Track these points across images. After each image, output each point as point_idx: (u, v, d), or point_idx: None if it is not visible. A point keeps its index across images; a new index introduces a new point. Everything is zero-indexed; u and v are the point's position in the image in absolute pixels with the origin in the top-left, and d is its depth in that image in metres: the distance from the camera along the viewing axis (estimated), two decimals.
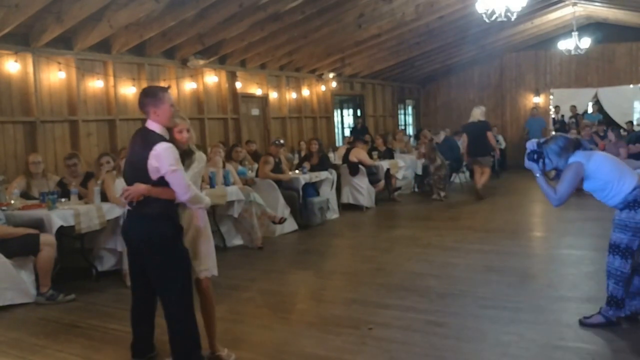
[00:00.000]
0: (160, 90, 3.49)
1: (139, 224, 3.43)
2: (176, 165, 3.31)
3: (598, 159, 3.96)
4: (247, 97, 11.21)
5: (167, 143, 3.35)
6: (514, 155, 16.71)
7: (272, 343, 4.03)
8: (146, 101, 3.47)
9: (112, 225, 5.75)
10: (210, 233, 3.72)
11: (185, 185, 3.32)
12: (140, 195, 3.34)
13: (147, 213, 3.38)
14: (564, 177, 3.95)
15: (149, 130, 3.45)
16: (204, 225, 3.65)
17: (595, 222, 7.82)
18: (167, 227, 3.40)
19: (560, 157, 3.98)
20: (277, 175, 8.25)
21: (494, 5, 8.58)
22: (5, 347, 4.16)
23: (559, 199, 3.93)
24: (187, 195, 3.34)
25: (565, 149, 3.98)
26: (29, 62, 7.36)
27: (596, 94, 15.69)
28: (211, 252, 3.70)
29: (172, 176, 3.30)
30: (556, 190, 3.96)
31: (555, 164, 4.02)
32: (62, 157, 7.49)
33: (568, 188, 3.92)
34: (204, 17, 8.00)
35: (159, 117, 3.44)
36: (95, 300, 5.26)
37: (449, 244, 7.01)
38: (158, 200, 3.35)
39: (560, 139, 4.07)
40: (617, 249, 3.94)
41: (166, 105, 3.43)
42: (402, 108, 18.02)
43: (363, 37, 11.15)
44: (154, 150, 3.29)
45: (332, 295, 5.24)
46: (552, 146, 4.02)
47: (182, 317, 3.44)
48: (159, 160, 3.28)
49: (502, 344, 3.84)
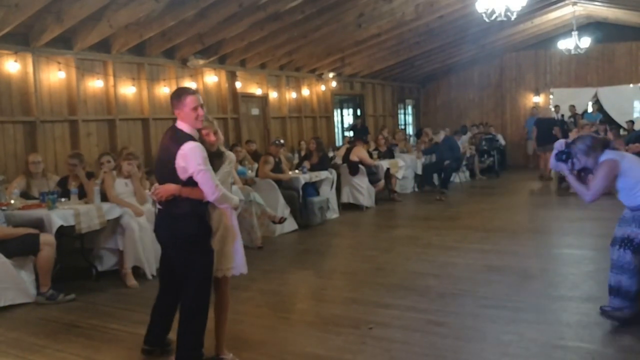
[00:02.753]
0: (184, 92, 3.50)
1: (168, 223, 3.50)
2: (204, 165, 3.33)
3: (631, 158, 4.09)
4: (247, 97, 11.20)
5: (195, 142, 3.37)
6: (514, 155, 16.75)
7: (272, 343, 4.03)
8: (172, 102, 3.51)
9: (112, 224, 5.75)
10: (238, 232, 3.73)
11: (213, 185, 3.34)
12: (170, 195, 3.39)
13: (176, 212, 3.43)
14: (597, 174, 4.02)
15: (177, 129, 3.47)
16: (230, 224, 3.66)
17: (596, 222, 7.83)
18: (195, 227, 3.45)
19: (589, 156, 4.05)
20: (277, 175, 8.26)
21: (494, 4, 8.57)
22: (5, 347, 4.16)
23: (593, 195, 4.02)
24: (215, 195, 3.37)
25: (593, 148, 4.04)
26: (29, 62, 7.36)
27: (596, 94, 15.69)
28: (239, 250, 3.71)
29: (199, 176, 3.32)
30: (590, 187, 4.06)
31: (583, 163, 4.08)
32: (62, 157, 7.50)
33: (602, 184, 4.00)
34: (203, 16, 7.99)
35: (183, 119, 3.47)
36: (95, 300, 5.26)
37: (449, 244, 7.01)
38: (187, 199, 3.39)
39: (587, 139, 4.14)
40: (630, 243, 4.00)
41: (187, 108, 3.43)
42: (402, 108, 18.02)
43: (363, 36, 11.15)
44: (182, 149, 3.33)
45: (332, 294, 5.24)
46: (580, 146, 4.08)
47: (195, 314, 3.51)
48: (186, 160, 3.32)
49: (502, 344, 3.84)
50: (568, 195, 10.75)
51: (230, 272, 3.68)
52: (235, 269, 3.70)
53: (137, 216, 5.79)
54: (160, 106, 9.19)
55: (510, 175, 14.70)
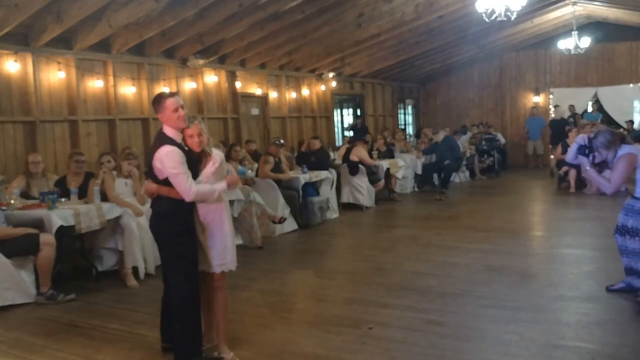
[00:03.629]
0: (162, 97, 3.62)
1: (152, 220, 3.72)
2: (177, 169, 3.45)
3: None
4: (246, 97, 11.20)
5: (170, 146, 3.49)
6: (514, 154, 16.75)
7: (272, 343, 4.03)
8: (154, 108, 3.66)
9: (112, 224, 5.75)
10: (227, 228, 3.71)
11: (186, 188, 3.46)
12: (152, 193, 3.63)
13: (157, 210, 3.66)
14: (616, 167, 4.32)
15: (161, 132, 3.64)
16: (216, 221, 3.65)
17: (595, 222, 7.83)
18: (174, 224, 3.57)
19: (609, 149, 4.35)
20: (277, 175, 8.25)
21: (494, 4, 8.57)
22: (5, 347, 4.16)
23: (614, 187, 4.33)
24: (189, 197, 3.50)
25: (613, 142, 4.35)
26: (29, 61, 7.36)
27: (596, 93, 15.69)
28: (228, 247, 3.70)
29: (173, 179, 3.48)
30: (611, 179, 4.34)
31: (604, 156, 4.39)
32: (62, 157, 7.50)
33: (622, 176, 4.31)
34: (203, 16, 7.99)
35: (166, 122, 3.60)
36: (95, 300, 5.26)
37: (449, 244, 7.01)
38: (166, 198, 3.55)
39: (607, 133, 4.46)
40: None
41: (168, 110, 3.55)
42: (402, 107, 18.01)
43: (363, 36, 11.15)
44: (158, 152, 3.50)
45: (332, 294, 5.23)
46: (601, 140, 4.38)
47: (182, 312, 3.56)
48: (162, 163, 3.49)
49: (502, 343, 3.84)
50: (568, 195, 10.77)
51: (219, 268, 3.66)
52: (223, 266, 3.68)
53: (137, 216, 5.79)
54: None
55: (510, 175, 14.70)
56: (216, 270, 3.67)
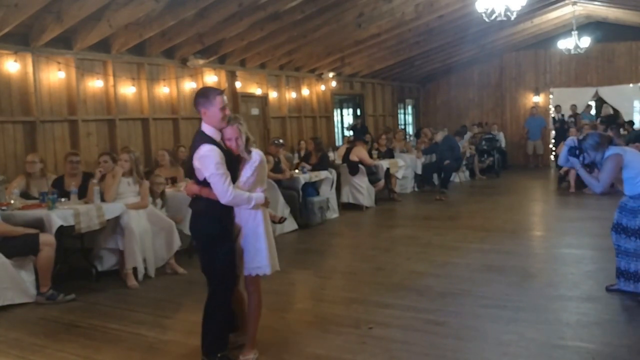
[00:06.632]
0: (213, 92, 3.55)
1: (191, 220, 3.70)
2: (216, 170, 3.38)
3: (632, 152, 4.65)
4: (246, 97, 11.19)
5: (210, 145, 3.42)
6: (514, 154, 16.74)
7: (272, 343, 4.02)
8: (198, 101, 3.55)
9: (112, 224, 5.74)
10: (263, 231, 3.63)
11: (223, 189, 3.40)
12: (193, 193, 3.58)
13: (195, 210, 3.63)
14: (605, 167, 4.50)
15: (200, 131, 3.56)
16: (250, 222, 3.61)
17: (595, 222, 7.83)
18: (210, 225, 3.54)
19: (597, 151, 4.54)
20: (277, 175, 8.25)
21: (494, 4, 8.57)
22: (5, 347, 4.16)
23: (602, 186, 4.51)
24: (226, 199, 3.43)
25: (601, 144, 4.53)
26: (29, 61, 7.35)
27: (596, 93, 15.69)
28: (262, 250, 3.61)
29: (211, 180, 3.41)
30: (600, 179, 4.52)
31: (592, 157, 4.58)
32: (62, 157, 7.48)
33: (609, 176, 4.50)
34: (203, 16, 7.99)
35: (209, 119, 3.52)
36: (95, 300, 5.26)
37: (449, 244, 7.01)
38: (204, 199, 3.50)
39: (595, 136, 4.66)
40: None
41: (215, 108, 3.49)
42: (402, 107, 18.00)
43: (363, 36, 11.14)
44: (198, 152, 3.43)
45: (332, 294, 5.24)
46: (589, 142, 4.57)
47: (214, 311, 3.56)
48: (202, 163, 3.42)
49: (502, 343, 3.84)
50: (568, 195, 10.77)
51: (255, 271, 3.61)
52: (258, 269, 3.62)
53: (141, 208, 5.83)
54: (160, 106, 9.18)
55: (510, 175, 14.70)
56: (251, 273, 3.62)
